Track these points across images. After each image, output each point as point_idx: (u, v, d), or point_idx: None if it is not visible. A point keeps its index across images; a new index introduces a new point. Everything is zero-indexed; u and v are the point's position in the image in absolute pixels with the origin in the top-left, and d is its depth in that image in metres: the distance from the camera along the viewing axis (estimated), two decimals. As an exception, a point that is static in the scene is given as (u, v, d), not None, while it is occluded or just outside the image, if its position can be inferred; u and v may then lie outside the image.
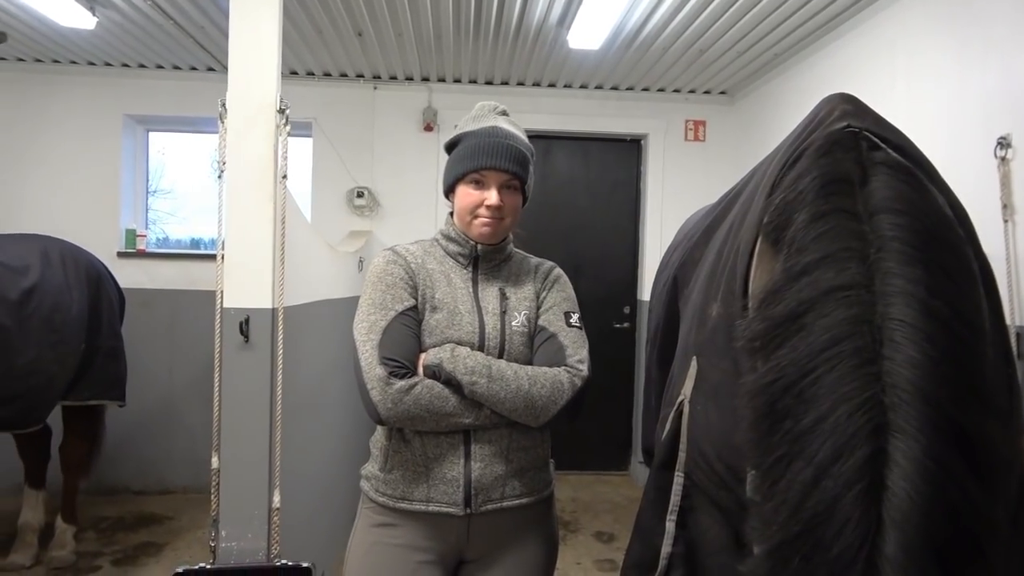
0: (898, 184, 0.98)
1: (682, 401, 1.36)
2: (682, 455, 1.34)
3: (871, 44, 3.23)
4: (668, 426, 1.39)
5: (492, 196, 1.51)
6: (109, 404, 3.49)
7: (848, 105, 1.14)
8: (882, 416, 0.80)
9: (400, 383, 1.39)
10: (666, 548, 1.33)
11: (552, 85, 4.81)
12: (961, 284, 0.93)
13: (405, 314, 1.47)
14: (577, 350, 1.54)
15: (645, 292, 4.87)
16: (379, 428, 1.55)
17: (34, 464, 3.38)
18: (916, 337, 0.84)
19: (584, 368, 1.52)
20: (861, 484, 0.78)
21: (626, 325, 5.03)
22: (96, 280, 3.39)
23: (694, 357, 1.35)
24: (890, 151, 1.04)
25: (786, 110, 4.10)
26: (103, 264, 3.53)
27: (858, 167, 1.01)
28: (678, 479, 1.34)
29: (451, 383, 1.43)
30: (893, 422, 0.80)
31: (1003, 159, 2.37)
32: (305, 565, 2.08)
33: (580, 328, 1.60)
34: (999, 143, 2.38)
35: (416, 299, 1.51)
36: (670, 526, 1.34)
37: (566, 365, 1.51)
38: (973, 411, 0.82)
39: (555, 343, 1.53)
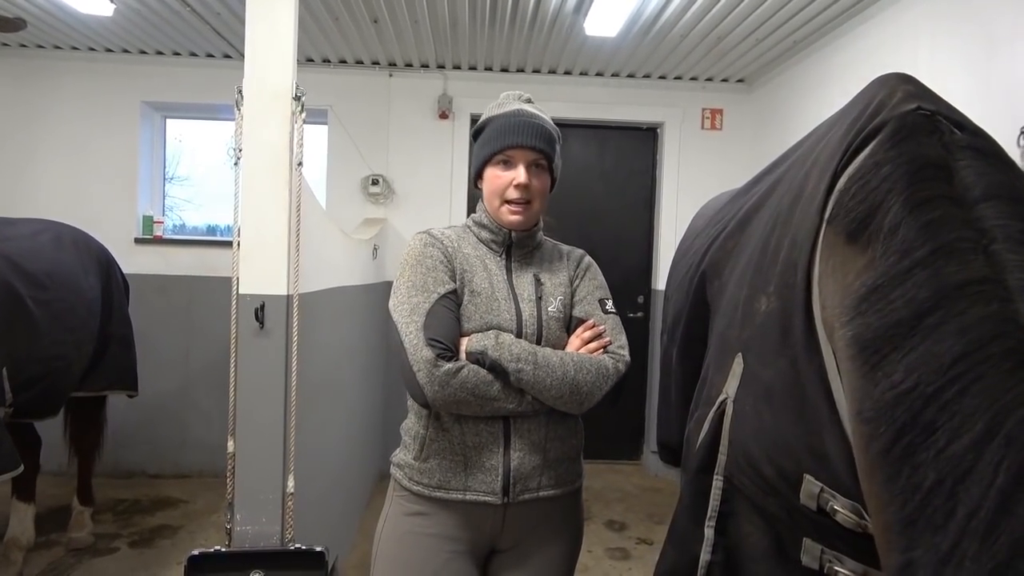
0: (991, 170, 0.90)
1: (724, 400, 1.28)
2: (722, 458, 1.27)
3: (893, 31, 3.18)
4: (707, 427, 1.31)
5: (520, 174, 1.51)
6: (121, 394, 3.44)
7: (910, 86, 1.06)
8: None
9: (448, 365, 1.38)
10: (705, 556, 1.26)
11: (568, 73, 4.78)
12: None
13: (447, 297, 1.46)
14: (617, 336, 1.56)
15: (659, 281, 4.85)
16: (412, 415, 1.55)
17: (23, 475, 2.92)
18: None
19: (626, 353, 1.54)
20: None
21: (640, 314, 5.02)
22: (107, 266, 3.39)
23: (739, 354, 1.27)
24: (971, 135, 0.96)
25: (805, 99, 4.05)
26: (110, 253, 3.50)
27: (945, 152, 0.92)
28: (717, 482, 1.27)
29: (496, 370, 1.41)
30: None
31: (1027, 149, 2.33)
32: (319, 549, 2.10)
33: (616, 314, 1.61)
34: (1023, 132, 2.33)
35: (455, 282, 1.50)
36: (709, 532, 1.27)
37: (608, 351, 1.52)
38: None
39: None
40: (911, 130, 0.95)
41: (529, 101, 1.64)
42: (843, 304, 0.93)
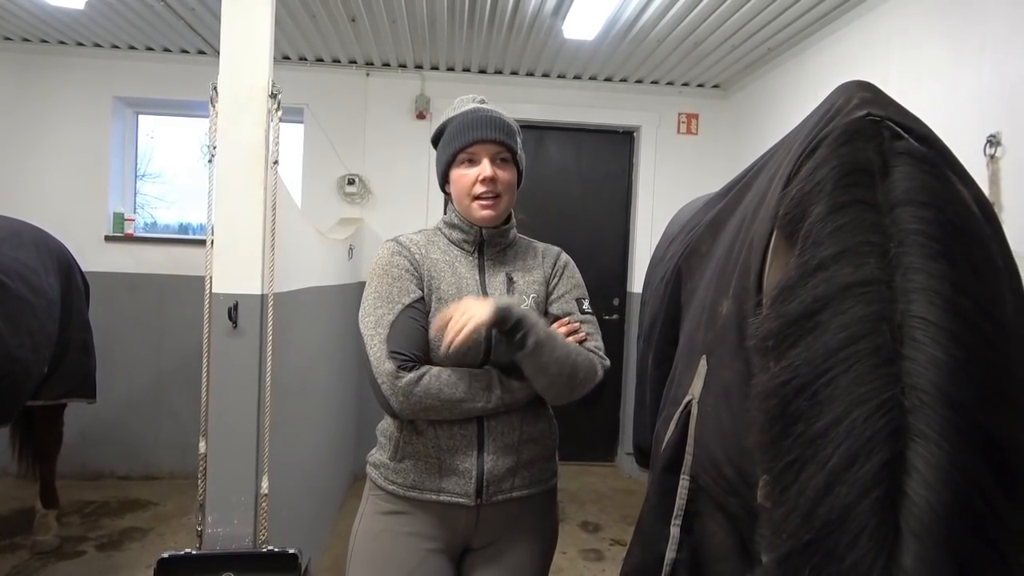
0: (921, 175, 0.92)
1: (690, 401, 1.30)
2: (688, 458, 1.29)
3: (865, 40, 3.24)
4: (674, 427, 1.34)
5: (486, 168, 1.50)
6: (79, 401, 3.28)
7: (867, 93, 1.09)
8: (901, 419, 0.75)
9: (409, 376, 1.38)
10: (670, 554, 1.29)
11: (546, 75, 4.80)
12: (988, 281, 0.87)
13: (412, 307, 1.46)
14: (595, 337, 1.56)
15: (635, 284, 4.89)
16: (387, 417, 1.55)
17: None
18: (940, 336, 0.79)
19: (605, 356, 1.55)
20: (878, 491, 0.73)
21: (615, 317, 5.05)
22: (67, 267, 3.22)
23: (703, 356, 1.29)
24: (913, 141, 0.98)
25: (779, 104, 4.11)
26: (70, 253, 3.33)
27: (879, 157, 0.95)
28: (684, 482, 1.29)
29: (516, 329, 1.36)
30: (913, 426, 0.75)
31: (992, 157, 2.39)
32: (292, 551, 2.08)
33: (592, 314, 1.61)
34: (988, 141, 2.39)
35: (422, 290, 1.50)
36: (675, 531, 1.29)
37: (590, 351, 1.52)
38: (1001, 416, 0.77)
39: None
40: (851, 135, 0.99)
41: (483, 102, 1.63)
42: (768, 299, 0.99)
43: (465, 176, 1.53)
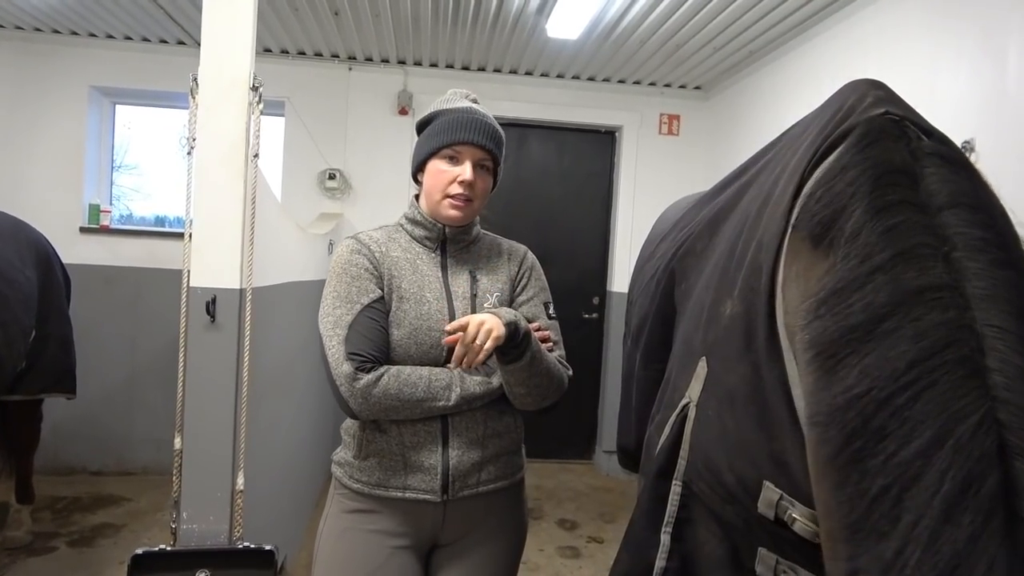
0: (956, 178, 0.89)
1: (687, 404, 1.26)
2: (682, 463, 1.25)
3: (845, 45, 3.28)
4: (668, 431, 1.30)
5: (467, 171, 1.48)
6: (59, 397, 3.23)
7: (880, 91, 1.06)
8: (1001, 437, 0.71)
9: (366, 377, 1.37)
10: (660, 562, 1.25)
11: (529, 73, 4.80)
12: None
13: (371, 307, 1.45)
14: (559, 345, 1.58)
15: (615, 283, 4.91)
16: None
17: None
18: (1019, 346, 0.75)
19: (568, 365, 1.56)
20: (999, 518, 0.67)
21: (595, 316, 5.06)
22: (46, 261, 3.15)
23: (703, 357, 1.25)
24: (937, 142, 0.95)
25: (759, 107, 4.14)
26: (51, 244, 3.28)
27: (911, 157, 0.91)
28: (676, 488, 1.26)
29: (523, 343, 1.39)
30: (1012, 443, 0.70)
31: (967, 163, 2.42)
32: (268, 548, 2.07)
33: (556, 319, 1.62)
34: (963, 147, 2.43)
35: (382, 288, 1.48)
36: (665, 539, 1.25)
37: (559, 361, 1.54)
38: None
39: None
40: (878, 135, 0.95)
41: (475, 102, 1.61)
42: (803, 307, 0.92)
43: (444, 172, 1.50)
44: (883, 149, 0.93)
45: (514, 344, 1.38)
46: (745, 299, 1.13)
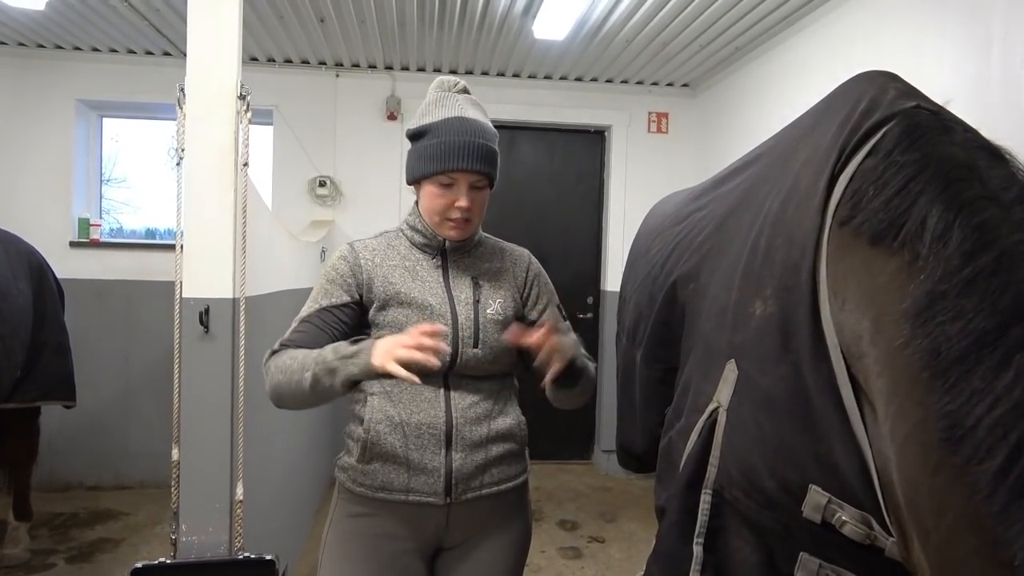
0: (1010, 170, 0.88)
1: (716, 409, 1.22)
2: (712, 470, 1.21)
3: (830, 39, 3.29)
4: (696, 437, 1.25)
5: (463, 199, 1.47)
6: (57, 404, 3.26)
7: (900, 83, 1.03)
8: None
9: (267, 355, 1.47)
10: (694, 575, 1.21)
11: (516, 75, 4.80)
12: None
13: (327, 309, 1.50)
14: (579, 343, 1.61)
15: (608, 282, 4.92)
16: (354, 420, 1.54)
17: None
18: None
19: (591, 356, 1.63)
20: None
21: (589, 315, 5.07)
22: (39, 271, 3.19)
23: (731, 360, 1.21)
24: (975, 135, 0.93)
25: (747, 102, 4.16)
26: (42, 256, 3.31)
27: (964, 152, 0.89)
28: (706, 497, 1.21)
29: (585, 367, 1.54)
30: None
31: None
32: (268, 557, 2.06)
33: (567, 318, 1.66)
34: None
35: (357, 296, 1.51)
36: (698, 550, 1.21)
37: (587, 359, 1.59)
38: None
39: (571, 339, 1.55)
40: (925, 129, 0.93)
41: (465, 91, 1.56)
42: (891, 312, 0.86)
43: (439, 198, 1.48)
44: (937, 143, 0.91)
45: (569, 373, 1.46)
46: (779, 299, 1.10)
